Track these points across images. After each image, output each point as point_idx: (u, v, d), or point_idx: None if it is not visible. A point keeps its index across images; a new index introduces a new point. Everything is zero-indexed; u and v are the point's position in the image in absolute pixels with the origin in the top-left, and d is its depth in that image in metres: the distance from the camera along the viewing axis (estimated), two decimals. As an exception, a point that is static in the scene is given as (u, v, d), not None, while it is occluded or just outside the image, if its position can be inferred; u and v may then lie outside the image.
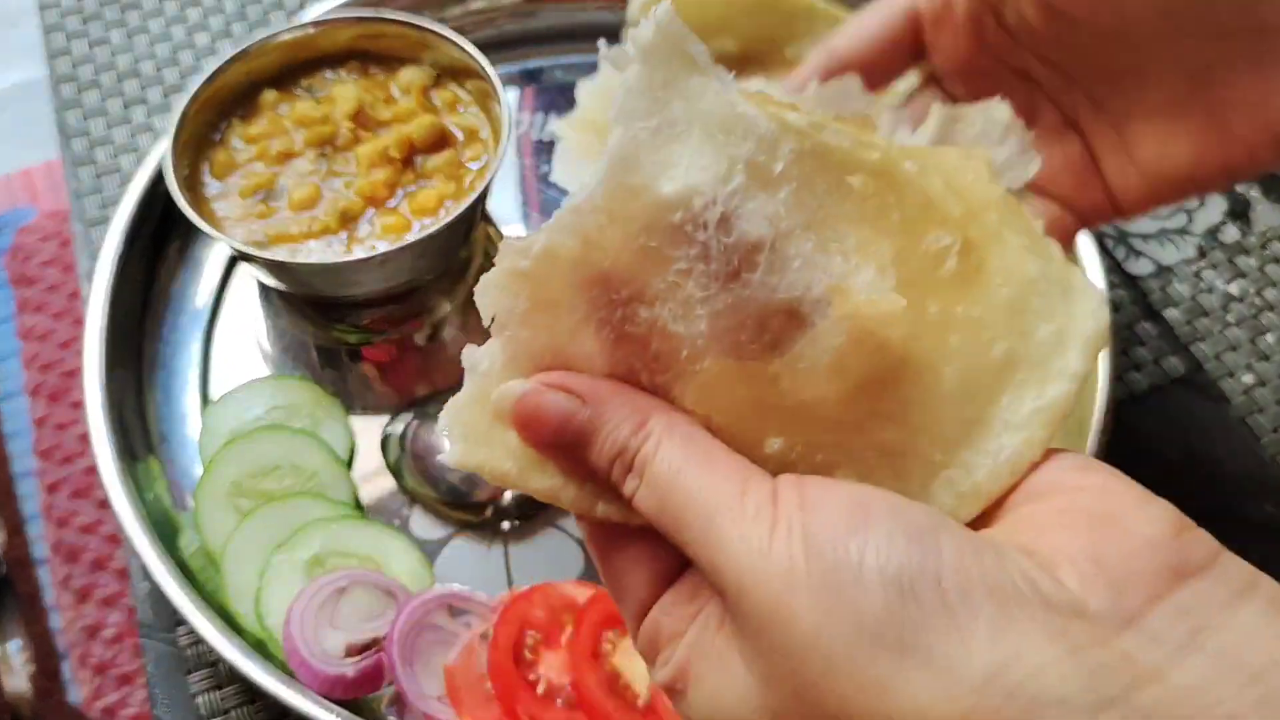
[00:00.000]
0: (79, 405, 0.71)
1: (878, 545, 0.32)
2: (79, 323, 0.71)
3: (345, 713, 0.59)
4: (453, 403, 0.40)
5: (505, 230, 0.82)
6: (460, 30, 0.79)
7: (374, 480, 0.71)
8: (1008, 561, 0.31)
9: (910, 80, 0.58)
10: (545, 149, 0.85)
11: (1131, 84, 0.52)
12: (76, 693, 1.23)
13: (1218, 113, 0.49)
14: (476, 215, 0.74)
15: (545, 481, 0.39)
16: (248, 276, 0.79)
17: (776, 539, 0.33)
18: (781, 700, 0.33)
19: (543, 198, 0.83)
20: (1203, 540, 0.32)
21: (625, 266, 0.37)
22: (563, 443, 0.38)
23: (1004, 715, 0.29)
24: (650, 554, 0.38)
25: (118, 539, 0.76)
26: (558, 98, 0.88)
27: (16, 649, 1.16)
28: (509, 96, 0.86)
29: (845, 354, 0.37)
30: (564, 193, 0.82)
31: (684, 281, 0.37)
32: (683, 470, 0.36)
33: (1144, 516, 0.33)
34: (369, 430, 0.72)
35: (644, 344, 0.38)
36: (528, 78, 0.89)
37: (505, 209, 0.83)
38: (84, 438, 0.67)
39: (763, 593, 0.32)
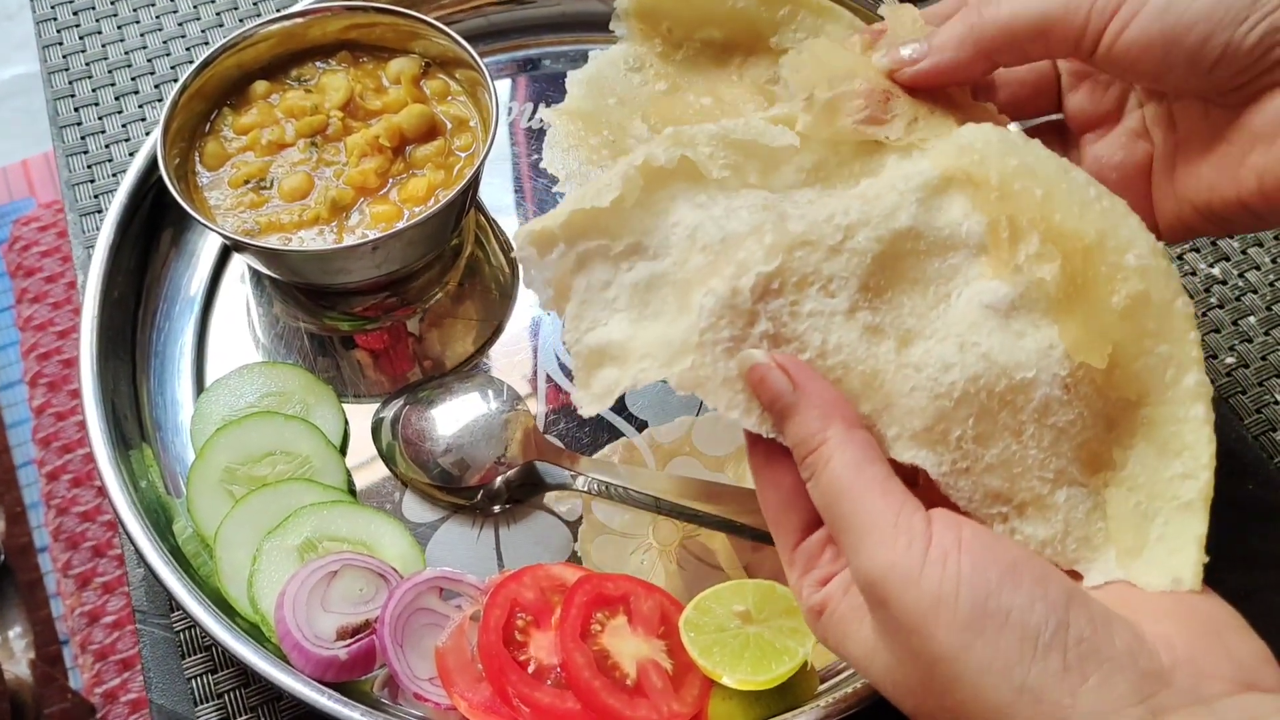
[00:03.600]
0: (78, 394, 0.72)
1: (1023, 606, 0.41)
2: (77, 312, 0.72)
3: (337, 695, 0.60)
4: None
5: (498, 219, 0.83)
6: (450, 21, 0.80)
7: (366, 465, 0.72)
8: (1119, 636, 0.41)
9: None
10: (536, 137, 0.86)
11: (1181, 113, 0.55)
12: (77, 678, 1.25)
13: (1238, 143, 0.52)
14: (466, 203, 0.75)
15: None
16: (241, 265, 0.80)
17: (928, 570, 0.42)
18: (906, 675, 0.43)
19: (535, 186, 0.84)
20: (1277, 673, 0.42)
21: None
22: (772, 410, 0.48)
23: None
24: (805, 498, 0.48)
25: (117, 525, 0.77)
26: (548, 86, 0.88)
27: (18, 635, 1.18)
28: (499, 86, 0.87)
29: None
30: (553, 180, 0.83)
31: None
32: (844, 489, 0.45)
33: (1240, 640, 0.42)
34: (362, 416, 0.73)
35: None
36: (518, 67, 0.90)
37: (498, 198, 0.84)
38: (83, 425, 0.68)
39: (910, 609, 0.42)
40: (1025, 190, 0.51)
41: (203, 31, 0.93)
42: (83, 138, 0.87)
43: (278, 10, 0.91)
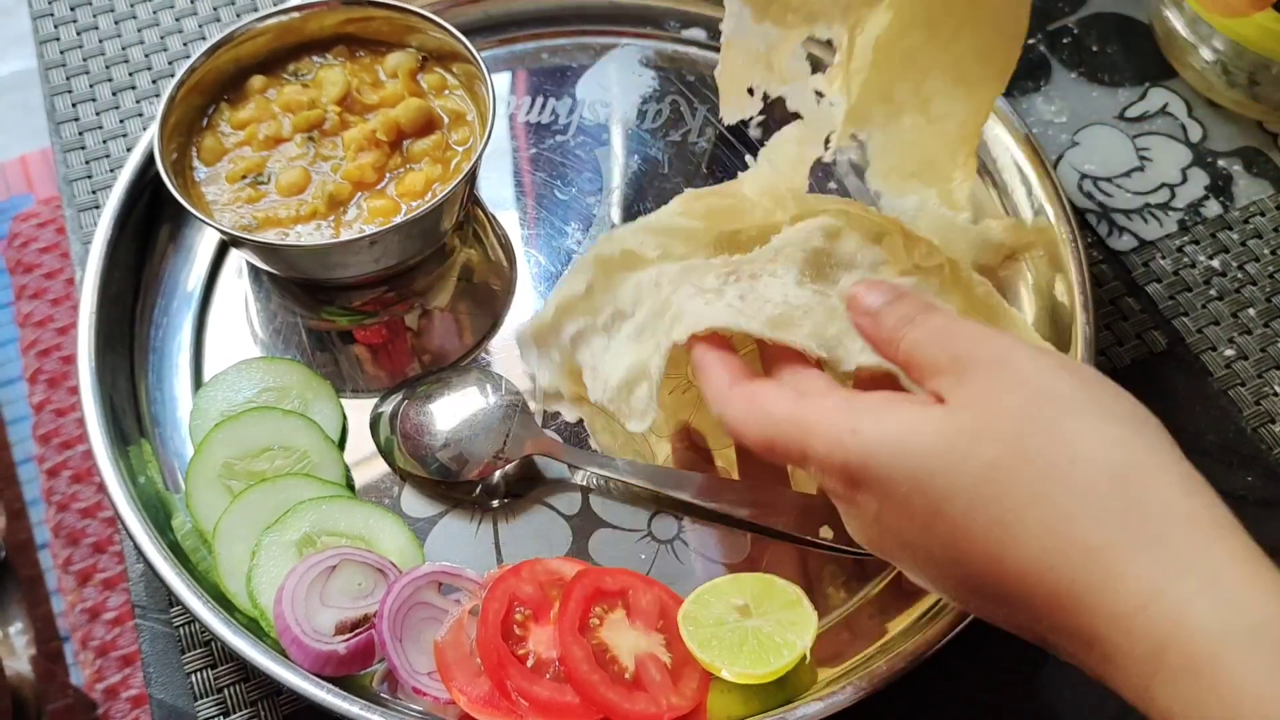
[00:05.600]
0: (77, 390, 0.72)
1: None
2: (76, 308, 0.72)
3: (337, 689, 0.60)
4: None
5: (496, 213, 0.82)
6: (447, 15, 0.79)
7: (365, 460, 0.71)
8: None
9: None
10: (535, 131, 0.86)
11: None
12: (78, 674, 1.25)
13: None
14: (464, 197, 0.74)
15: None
16: (238, 260, 0.80)
17: (1041, 354, 0.50)
18: (994, 424, 0.47)
19: (534, 180, 0.84)
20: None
21: None
22: (889, 309, 0.56)
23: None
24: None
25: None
26: (546, 80, 0.88)
27: (19, 631, 1.18)
28: (497, 80, 0.87)
29: None
30: (553, 175, 0.83)
31: None
32: (958, 320, 0.53)
33: None
34: (360, 411, 0.73)
35: None
36: (516, 61, 0.89)
37: (497, 192, 0.83)
38: (82, 422, 0.68)
39: (1032, 365, 0.49)
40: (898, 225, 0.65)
41: (200, 26, 0.92)
42: (80, 133, 0.87)
43: (274, 5, 0.91)
